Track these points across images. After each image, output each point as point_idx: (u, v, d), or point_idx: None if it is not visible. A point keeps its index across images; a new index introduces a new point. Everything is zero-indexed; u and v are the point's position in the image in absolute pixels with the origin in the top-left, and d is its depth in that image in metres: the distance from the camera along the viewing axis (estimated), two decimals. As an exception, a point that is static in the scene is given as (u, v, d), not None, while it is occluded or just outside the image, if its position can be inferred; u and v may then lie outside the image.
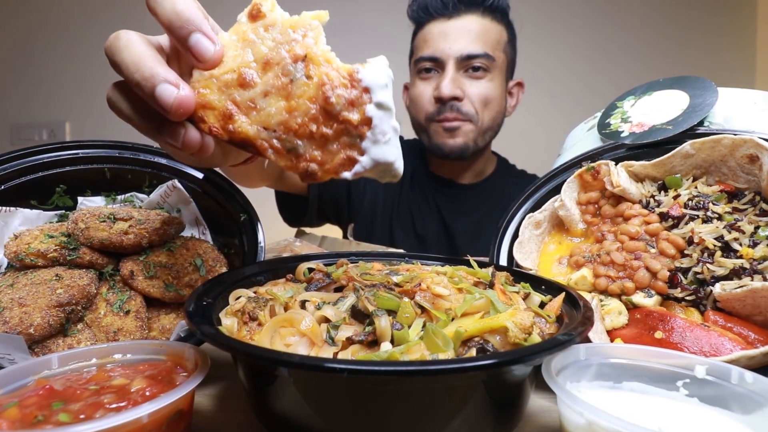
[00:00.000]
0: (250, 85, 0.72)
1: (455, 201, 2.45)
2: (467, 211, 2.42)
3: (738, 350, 0.86)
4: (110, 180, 1.25)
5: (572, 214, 1.22)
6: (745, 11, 4.56)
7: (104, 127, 4.37)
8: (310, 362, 0.62)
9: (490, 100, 2.22)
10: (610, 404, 0.73)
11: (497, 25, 2.23)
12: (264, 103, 0.72)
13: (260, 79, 0.72)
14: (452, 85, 2.16)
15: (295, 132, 0.72)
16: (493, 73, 2.22)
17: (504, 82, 2.30)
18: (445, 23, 2.19)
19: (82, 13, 4.38)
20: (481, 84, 2.20)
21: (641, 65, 4.37)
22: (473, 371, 0.62)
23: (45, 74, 4.48)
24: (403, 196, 2.49)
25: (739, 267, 0.97)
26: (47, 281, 0.98)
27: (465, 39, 2.16)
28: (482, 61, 2.17)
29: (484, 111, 2.23)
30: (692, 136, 1.15)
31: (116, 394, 0.69)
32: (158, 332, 1.05)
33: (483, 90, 2.21)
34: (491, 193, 2.45)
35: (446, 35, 2.18)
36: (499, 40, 2.23)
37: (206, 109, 0.72)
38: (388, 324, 0.74)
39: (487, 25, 2.20)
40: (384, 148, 0.74)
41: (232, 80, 0.72)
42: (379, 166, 0.75)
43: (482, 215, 2.40)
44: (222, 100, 0.72)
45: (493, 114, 2.26)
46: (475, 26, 2.18)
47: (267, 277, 1.03)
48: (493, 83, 2.22)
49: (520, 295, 0.92)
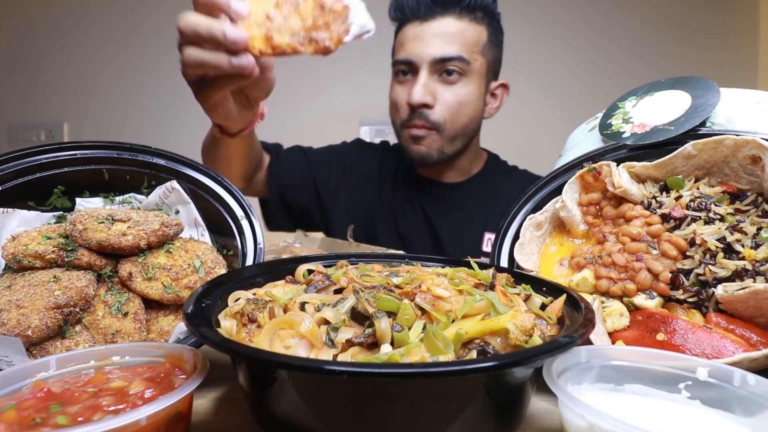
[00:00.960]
0: (273, 17, 1.12)
1: (440, 200, 2.43)
2: (452, 210, 2.40)
3: (740, 352, 0.86)
4: (108, 181, 1.25)
5: (573, 215, 1.22)
6: (747, 11, 4.55)
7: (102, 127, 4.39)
8: (310, 364, 0.62)
9: (463, 105, 2.18)
10: (611, 407, 0.73)
11: (476, 25, 2.17)
12: (286, 23, 1.12)
13: (278, 11, 1.12)
14: (423, 92, 2.13)
15: (310, 29, 1.12)
16: (469, 76, 2.17)
17: (483, 84, 2.25)
18: (420, 26, 2.16)
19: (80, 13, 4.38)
20: (454, 89, 2.16)
21: (643, 65, 4.37)
22: (474, 373, 0.62)
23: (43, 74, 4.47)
24: (385, 197, 2.48)
25: (742, 268, 0.97)
26: (45, 283, 0.97)
27: (439, 42, 2.12)
28: (456, 65, 2.13)
29: (456, 117, 2.18)
30: (694, 136, 1.14)
31: (114, 396, 0.68)
32: (157, 334, 1.04)
33: (456, 95, 2.16)
34: (478, 192, 2.42)
35: (421, 38, 2.14)
36: (477, 41, 2.18)
37: (253, 41, 1.12)
38: (388, 326, 0.74)
39: (464, 26, 2.15)
40: (360, 19, 1.11)
41: (261, 18, 1.13)
42: (362, 29, 1.12)
43: (468, 214, 2.38)
44: (261, 31, 1.13)
45: (465, 120, 2.21)
46: (451, 28, 2.13)
47: (266, 278, 1.03)
48: (467, 88, 2.18)
49: (521, 296, 0.92)
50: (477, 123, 2.30)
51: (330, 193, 2.50)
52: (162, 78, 4.31)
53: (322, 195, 2.49)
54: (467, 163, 2.44)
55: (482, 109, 2.29)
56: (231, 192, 1.26)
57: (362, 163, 2.56)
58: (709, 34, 4.48)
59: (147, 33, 4.33)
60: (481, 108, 2.28)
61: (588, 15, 4.44)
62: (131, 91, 4.40)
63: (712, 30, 4.49)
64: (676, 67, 4.34)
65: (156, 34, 4.27)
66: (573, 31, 4.45)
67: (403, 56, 2.18)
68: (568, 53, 4.44)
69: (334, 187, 2.50)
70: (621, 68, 4.38)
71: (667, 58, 4.42)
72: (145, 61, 4.36)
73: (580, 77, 4.42)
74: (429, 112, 2.15)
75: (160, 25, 4.23)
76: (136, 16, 4.34)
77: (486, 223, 2.33)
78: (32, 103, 4.50)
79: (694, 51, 4.46)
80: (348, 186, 2.51)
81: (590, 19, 4.45)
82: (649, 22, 4.47)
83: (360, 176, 2.53)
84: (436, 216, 2.40)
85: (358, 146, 2.66)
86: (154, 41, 4.31)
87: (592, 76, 4.40)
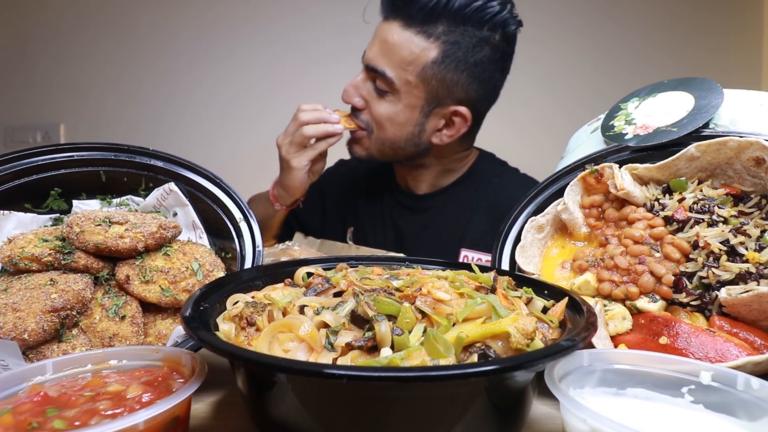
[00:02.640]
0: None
1: (411, 212, 2.30)
2: (424, 223, 2.26)
3: (744, 356, 0.86)
4: (106, 183, 1.25)
5: (575, 217, 1.21)
6: (751, 11, 4.54)
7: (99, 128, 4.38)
8: (309, 368, 0.63)
9: (389, 122, 1.97)
10: (614, 411, 0.73)
11: (423, 40, 1.87)
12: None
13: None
14: (352, 91, 2.01)
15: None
16: (397, 95, 1.93)
17: (417, 108, 1.96)
18: (380, 24, 1.97)
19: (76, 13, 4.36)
20: (383, 103, 1.96)
21: (645, 66, 4.35)
22: (475, 377, 0.62)
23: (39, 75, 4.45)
24: (360, 211, 2.41)
25: (745, 271, 0.97)
26: (42, 286, 0.97)
27: (375, 48, 1.94)
28: (380, 81, 1.93)
29: (383, 131, 2.00)
30: (697, 138, 1.14)
31: (112, 400, 0.69)
32: (154, 338, 1.04)
33: (383, 110, 1.96)
34: (453, 204, 2.23)
35: (373, 38, 1.98)
36: (416, 60, 1.87)
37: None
38: (388, 329, 0.74)
39: (405, 38, 1.87)
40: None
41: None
42: None
43: (441, 228, 2.23)
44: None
45: (391, 137, 2.01)
46: (390, 37, 1.89)
47: (265, 281, 1.03)
48: (395, 107, 1.95)
49: (522, 300, 0.92)
50: (410, 144, 2.04)
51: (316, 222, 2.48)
52: (159, 79, 4.30)
53: (309, 226, 2.48)
54: (432, 177, 2.25)
55: (415, 133, 2.01)
56: (229, 194, 1.26)
57: (335, 182, 2.48)
58: (712, 35, 4.46)
59: (144, 33, 4.32)
60: (410, 131, 2.01)
61: (589, 15, 4.43)
62: (128, 91, 4.38)
63: (715, 30, 4.47)
64: (679, 67, 4.32)
65: (153, 34, 4.26)
66: (574, 30, 4.43)
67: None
68: (569, 53, 4.43)
69: (320, 214, 2.48)
70: (623, 69, 4.36)
71: (670, 59, 4.41)
72: (142, 62, 4.35)
73: (582, 78, 4.40)
74: (358, 112, 2.02)
75: (157, 24, 4.22)
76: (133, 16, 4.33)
77: (462, 239, 2.15)
78: (28, 104, 4.48)
79: (697, 52, 4.44)
80: (327, 207, 2.47)
81: (592, 19, 4.43)
82: (652, 22, 4.45)
83: (335, 194, 2.47)
84: (408, 229, 2.28)
85: (337, 166, 2.57)
86: (151, 41, 4.30)
87: (594, 77, 4.38)
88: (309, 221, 2.47)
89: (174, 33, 4.21)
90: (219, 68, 4.26)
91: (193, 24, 4.20)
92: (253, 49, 4.24)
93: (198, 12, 4.19)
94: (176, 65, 4.25)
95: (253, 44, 4.24)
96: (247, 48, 4.24)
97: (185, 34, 4.21)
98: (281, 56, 4.21)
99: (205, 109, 4.23)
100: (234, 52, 4.24)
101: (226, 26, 4.22)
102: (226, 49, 4.23)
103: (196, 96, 4.25)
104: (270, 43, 4.22)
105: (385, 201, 2.35)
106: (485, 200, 2.18)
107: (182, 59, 4.24)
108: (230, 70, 4.25)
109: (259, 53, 4.24)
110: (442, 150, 2.12)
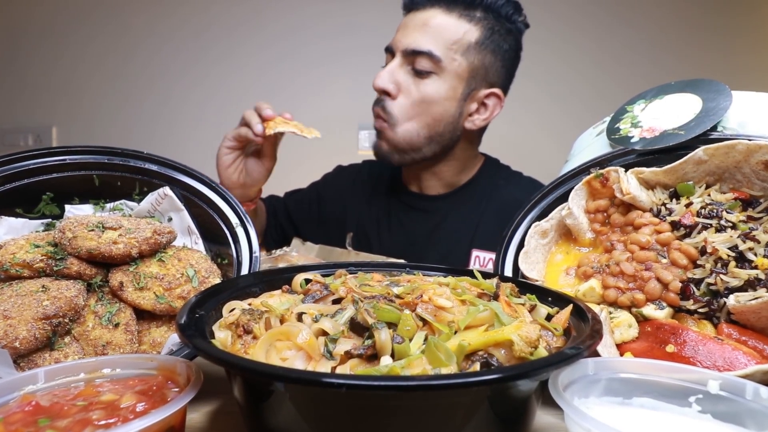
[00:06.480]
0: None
1: (422, 214, 2.33)
2: (436, 225, 2.30)
3: (753, 364, 0.85)
4: (99, 187, 1.25)
5: (580, 222, 1.21)
6: (760, 12, 4.54)
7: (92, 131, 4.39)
8: (307, 377, 0.63)
9: (428, 103, 2.04)
10: (619, 421, 0.74)
11: (466, 23, 2.02)
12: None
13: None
14: (387, 78, 2.04)
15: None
16: (441, 75, 2.02)
17: (460, 88, 2.06)
18: (410, 15, 2.08)
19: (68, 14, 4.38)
20: (422, 84, 2.03)
21: (652, 67, 4.35)
22: (477, 386, 0.62)
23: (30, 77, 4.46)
24: (364, 215, 2.42)
25: (754, 278, 0.96)
26: (33, 293, 0.96)
27: (415, 33, 2.02)
28: (425, 61, 2.00)
29: (418, 115, 2.06)
30: (705, 141, 1.13)
31: (105, 410, 0.69)
32: (149, 346, 1.03)
33: (421, 91, 2.03)
34: (465, 206, 2.29)
35: (405, 27, 2.06)
36: (460, 40, 2.01)
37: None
38: (388, 337, 0.73)
39: (449, 22, 2.01)
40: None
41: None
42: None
43: (453, 230, 2.27)
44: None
45: (427, 120, 2.07)
46: (433, 21, 2.01)
47: (262, 288, 1.03)
48: (436, 85, 2.03)
49: (525, 307, 0.92)
50: (449, 128, 2.12)
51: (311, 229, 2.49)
52: (153, 80, 4.33)
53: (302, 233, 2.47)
54: (451, 174, 2.31)
55: (456, 115, 2.11)
56: (225, 198, 1.26)
57: (334, 188, 2.52)
58: (720, 36, 4.47)
59: (137, 34, 4.34)
60: (452, 113, 2.09)
61: (595, 15, 4.44)
62: (122, 94, 4.40)
63: (723, 32, 4.48)
64: (686, 69, 4.33)
65: (148, 34, 4.29)
66: (579, 32, 4.44)
67: (389, 43, 2.12)
68: (574, 55, 4.44)
69: (315, 221, 2.50)
70: (629, 71, 4.36)
71: (676, 60, 4.41)
72: (136, 64, 4.36)
73: (587, 80, 4.41)
74: (389, 102, 2.06)
75: (150, 26, 4.25)
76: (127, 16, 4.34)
77: (473, 240, 2.21)
78: (20, 106, 4.49)
79: (705, 53, 4.45)
80: (325, 212, 2.50)
81: (597, 20, 4.44)
82: (658, 23, 4.45)
83: (334, 199, 2.49)
84: (418, 232, 2.31)
85: (336, 173, 2.62)
86: (145, 41, 4.32)
87: (599, 79, 4.39)
88: (304, 227, 2.50)
89: (169, 33, 4.25)
90: (215, 69, 4.29)
91: (189, 24, 4.23)
92: (250, 50, 4.28)
93: (194, 12, 4.22)
94: (172, 66, 4.30)
95: (249, 45, 4.27)
96: (244, 49, 4.28)
97: (181, 35, 4.24)
98: (278, 58, 4.24)
99: (201, 111, 4.26)
100: (231, 53, 4.27)
101: (223, 27, 4.26)
102: (223, 50, 4.27)
103: (192, 98, 4.28)
104: (267, 45, 4.25)
105: (391, 204, 2.39)
106: (495, 201, 2.25)
107: (178, 60, 4.27)
108: (227, 72, 4.28)
109: (256, 54, 4.27)
110: (470, 136, 2.22)
